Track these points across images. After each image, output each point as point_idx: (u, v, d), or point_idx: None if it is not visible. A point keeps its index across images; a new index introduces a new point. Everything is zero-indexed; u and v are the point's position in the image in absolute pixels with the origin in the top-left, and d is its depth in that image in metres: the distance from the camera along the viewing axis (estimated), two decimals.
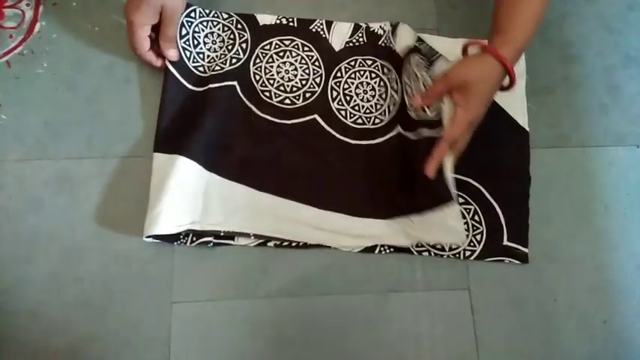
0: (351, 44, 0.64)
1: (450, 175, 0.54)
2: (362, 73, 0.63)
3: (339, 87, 0.63)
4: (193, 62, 0.61)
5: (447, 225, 0.55)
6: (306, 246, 0.58)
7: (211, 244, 0.57)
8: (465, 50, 0.58)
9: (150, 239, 0.55)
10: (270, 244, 0.57)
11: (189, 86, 0.61)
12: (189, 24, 0.61)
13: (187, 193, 0.56)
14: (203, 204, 0.57)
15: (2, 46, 0.62)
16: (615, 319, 0.59)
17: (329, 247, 0.58)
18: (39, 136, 0.59)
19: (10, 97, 0.60)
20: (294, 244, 0.58)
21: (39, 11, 0.63)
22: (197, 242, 0.56)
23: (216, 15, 0.63)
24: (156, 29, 0.59)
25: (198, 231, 0.56)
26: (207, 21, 0.63)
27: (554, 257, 0.60)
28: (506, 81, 0.55)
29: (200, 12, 0.62)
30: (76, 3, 0.64)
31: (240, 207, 0.58)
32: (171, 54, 0.60)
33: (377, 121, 0.62)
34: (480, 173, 0.61)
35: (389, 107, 0.62)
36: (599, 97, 0.65)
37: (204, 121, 0.59)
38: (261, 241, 0.58)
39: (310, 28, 0.64)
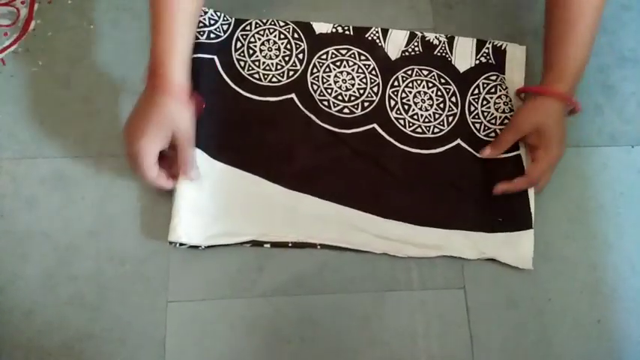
0: (407, 53, 0.64)
1: (532, 205, 0.59)
2: (419, 82, 0.63)
3: (396, 96, 0.62)
4: (248, 70, 0.62)
5: (519, 249, 0.59)
6: (301, 246, 0.57)
7: (202, 246, 0.56)
8: (519, 94, 0.62)
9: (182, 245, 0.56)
10: (267, 245, 0.57)
11: (244, 93, 0.61)
12: (244, 37, 0.62)
13: (250, 205, 0.57)
14: (268, 215, 0.58)
15: None
16: (609, 319, 0.59)
17: (326, 247, 0.58)
18: (34, 135, 0.59)
19: (4, 96, 0.60)
20: (290, 245, 0.57)
21: (34, 9, 0.63)
22: (188, 245, 0.56)
23: (272, 23, 0.63)
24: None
25: (262, 242, 0.57)
26: (264, 30, 0.63)
27: (548, 257, 0.60)
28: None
29: (256, 23, 0.63)
30: (71, 1, 0.63)
31: (305, 216, 0.58)
32: (193, 175, 0.54)
33: (436, 130, 0.62)
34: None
35: (448, 118, 0.62)
36: (593, 97, 0.66)
37: (263, 133, 0.60)
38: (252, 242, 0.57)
39: (366, 36, 0.64)
